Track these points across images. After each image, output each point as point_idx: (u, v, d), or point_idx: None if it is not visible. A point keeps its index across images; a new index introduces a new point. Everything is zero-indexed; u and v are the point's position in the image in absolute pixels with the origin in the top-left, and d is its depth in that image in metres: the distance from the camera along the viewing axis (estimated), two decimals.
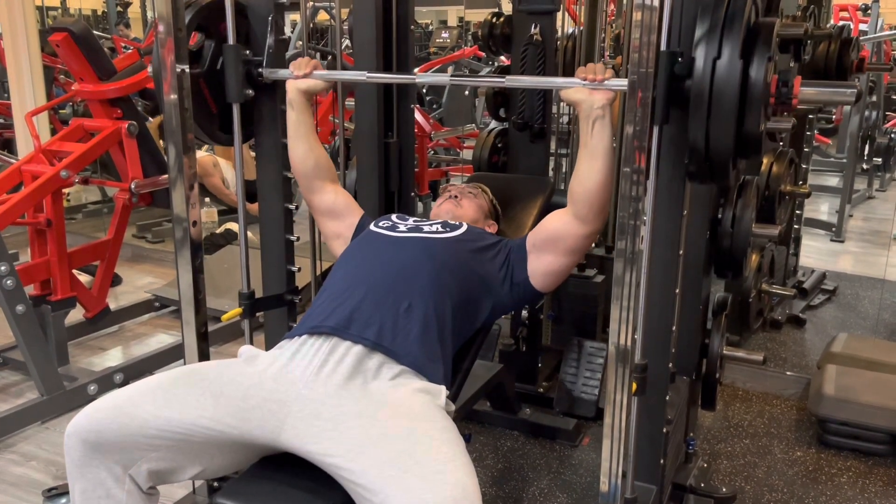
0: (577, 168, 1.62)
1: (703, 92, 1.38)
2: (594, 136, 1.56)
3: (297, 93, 1.85)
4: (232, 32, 1.83)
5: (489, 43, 2.82)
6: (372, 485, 1.28)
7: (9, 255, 2.62)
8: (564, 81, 1.56)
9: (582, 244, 1.70)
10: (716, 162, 1.44)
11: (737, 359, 2.25)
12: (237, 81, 1.85)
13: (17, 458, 2.48)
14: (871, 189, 6.75)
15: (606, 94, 1.52)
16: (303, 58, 1.86)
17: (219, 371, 1.53)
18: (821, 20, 3.25)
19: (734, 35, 1.37)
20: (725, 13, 1.40)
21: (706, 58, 1.38)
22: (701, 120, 1.39)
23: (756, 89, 1.38)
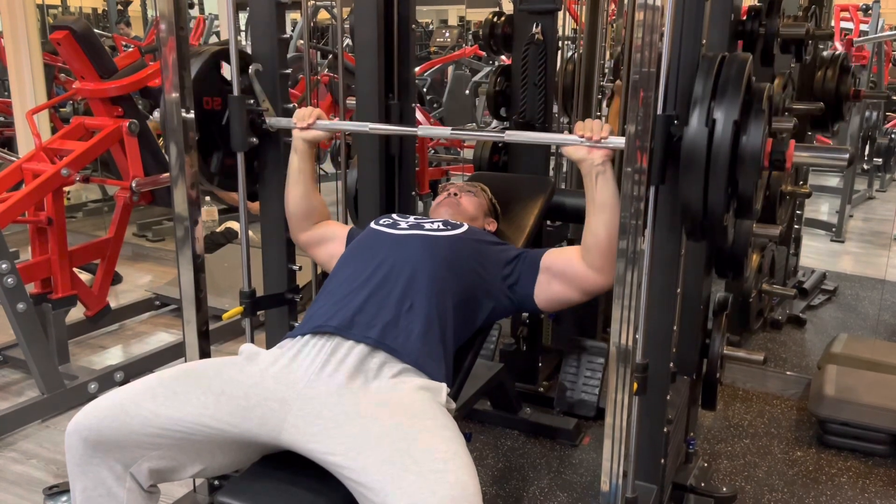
0: (586, 221, 1.64)
1: (698, 157, 1.41)
2: (598, 190, 1.59)
3: (303, 141, 1.89)
4: (236, 84, 1.87)
5: (490, 42, 2.82)
6: (373, 483, 1.28)
7: (9, 253, 2.62)
8: (564, 139, 1.60)
9: (596, 289, 1.71)
10: (710, 222, 1.48)
11: (737, 359, 2.25)
12: (242, 131, 1.89)
13: (18, 456, 2.48)
14: (871, 189, 6.75)
15: (605, 152, 1.56)
16: (306, 108, 1.89)
17: (220, 369, 1.53)
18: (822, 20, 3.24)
19: (729, 103, 1.40)
20: (720, 79, 1.44)
21: (701, 123, 1.41)
22: (696, 181, 1.43)
23: (750, 154, 1.42)
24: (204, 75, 1.93)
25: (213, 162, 2.01)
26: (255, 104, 1.92)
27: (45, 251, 2.80)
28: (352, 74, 2.20)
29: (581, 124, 1.57)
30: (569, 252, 1.73)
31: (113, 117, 2.93)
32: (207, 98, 1.94)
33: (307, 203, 1.93)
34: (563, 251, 1.74)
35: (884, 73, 6.04)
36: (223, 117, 1.94)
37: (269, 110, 1.94)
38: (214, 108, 1.96)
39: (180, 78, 1.73)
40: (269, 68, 1.98)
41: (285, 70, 2.02)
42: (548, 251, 1.76)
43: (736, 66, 1.45)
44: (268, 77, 1.98)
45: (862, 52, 5.77)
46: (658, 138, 1.41)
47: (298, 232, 1.96)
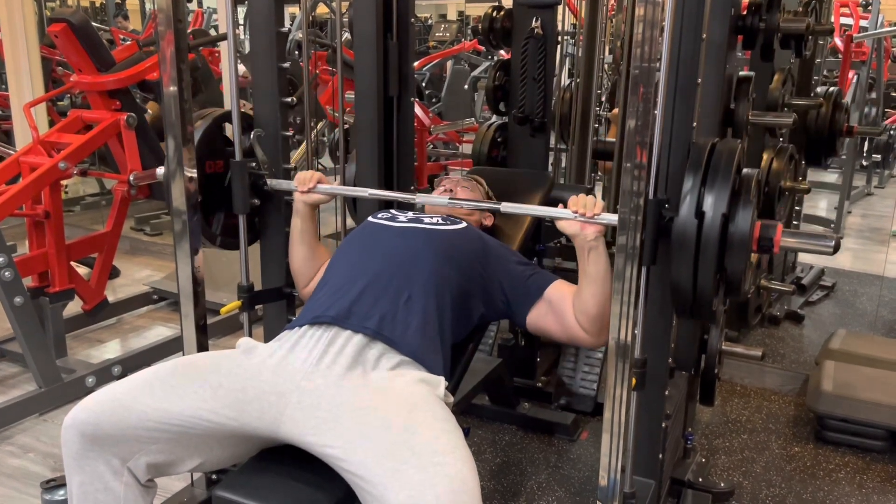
0: (578, 290, 1.65)
1: (688, 242, 1.46)
2: (591, 264, 1.61)
3: (304, 204, 1.89)
4: (238, 148, 1.90)
5: (489, 37, 2.80)
6: (371, 476, 1.28)
7: (7, 246, 2.62)
8: (558, 213, 1.62)
9: (582, 345, 1.75)
10: (700, 304, 1.52)
11: (735, 354, 2.25)
12: (243, 194, 1.91)
13: (15, 449, 2.48)
14: (870, 186, 6.76)
15: (597, 228, 1.58)
16: (306, 172, 1.90)
17: (217, 363, 1.53)
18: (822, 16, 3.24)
19: (718, 193, 1.46)
20: (709, 170, 1.48)
21: (691, 214, 1.46)
22: (686, 265, 1.48)
23: (739, 241, 1.47)
24: (207, 139, 1.97)
25: (215, 223, 2.06)
26: (256, 167, 1.96)
27: (43, 245, 2.80)
28: (350, 69, 2.20)
29: (575, 199, 1.59)
30: (567, 297, 1.70)
31: (111, 110, 2.93)
32: (210, 162, 1.98)
33: (312, 262, 1.93)
34: (568, 292, 1.71)
35: (883, 70, 6.03)
36: (225, 179, 1.98)
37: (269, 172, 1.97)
38: (216, 170, 2.00)
39: (178, 71, 1.73)
40: (270, 131, 2.02)
41: (286, 132, 2.06)
42: (556, 282, 1.74)
43: (725, 157, 1.50)
44: (269, 140, 2.01)
45: (861, 48, 5.76)
46: (649, 222, 1.45)
47: (303, 287, 1.96)
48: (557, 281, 1.74)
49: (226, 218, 2.07)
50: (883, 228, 5.60)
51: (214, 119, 2.01)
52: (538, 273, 1.77)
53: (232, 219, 2.01)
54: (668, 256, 1.51)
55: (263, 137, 1.99)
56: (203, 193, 1.87)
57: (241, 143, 1.90)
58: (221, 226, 2.07)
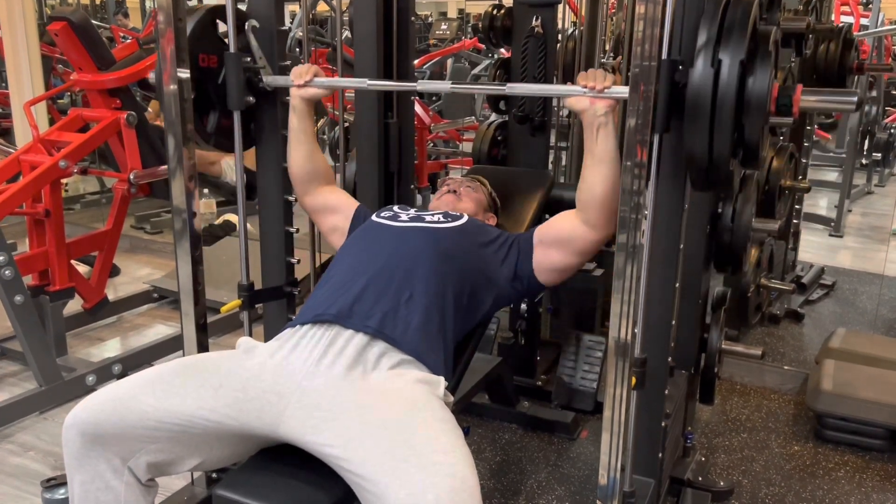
0: (583, 175, 1.63)
1: (703, 101, 1.38)
2: (599, 142, 1.57)
3: (301, 100, 1.86)
4: (233, 40, 1.83)
5: (489, 35, 2.81)
6: (370, 475, 1.28)
7: (7, 245, 2.62)
8: (566, 89, 1.58)
9: (592, 248, 1.71)
10: (716, 170, 1.45)
11: (735, 353, 2.25)
12: (238, 89, 1.85)
13: (16, 448, 2.48)
14: (870, 184, 6.76)
15: (608, 102, 1.54)
16: (303, 65, 1.86)
17: (217, 363, 1.53)
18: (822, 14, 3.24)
19: (735, 44, 1.37)
20: (725, 22, 1.40)
21: (706, 67, 1.38)
22: (701, 129, 1.40)
23: (756, 99, 1.38)
24: (200, 32, 1.88)
25: (210, 121, 1.97)
26: (251, 62, 1.88)
27: (43, 243, 2.80)
28: (351, 66, 2.20)
29: (584, 74, 1.54)
30: (558, 219, 1.73)
31: (111, 109, 2.93)
32: (203, 56, 1.89)
33: (311, 164, 1.90)
34: (552, 221, 1.74)
35: None
36: (219, 76, 1.90)
37: (266, 68, 1.89)
38: (210, 66, 1.91)
39: (178, 69, 1.72)
40: (266, 25, 1.94)
41: (283, 27, 1.98)
42: (537, 227, 1.78)
43: (741, 9, 1.42)
44: (265, 34, 1.93)
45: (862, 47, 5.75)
46: (662, 84, 1.38)
47: (303, 195, 1.94)
48: (537, 227, 1.78)
49: (220, 117, 1.97)
50: (883, 227, 5.60)
51: (209, 11, 1.92)
52: (519, 235, 1.82)
53: (226, 118, 1.92)
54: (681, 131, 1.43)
55: (259, 31, 1.91)
56: (196, 90, 1.81)
57: (235, 35, 1.82)
58: (216, 125, 1.98)
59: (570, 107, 1.58)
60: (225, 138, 1.98)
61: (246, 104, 1.88)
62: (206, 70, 1.91)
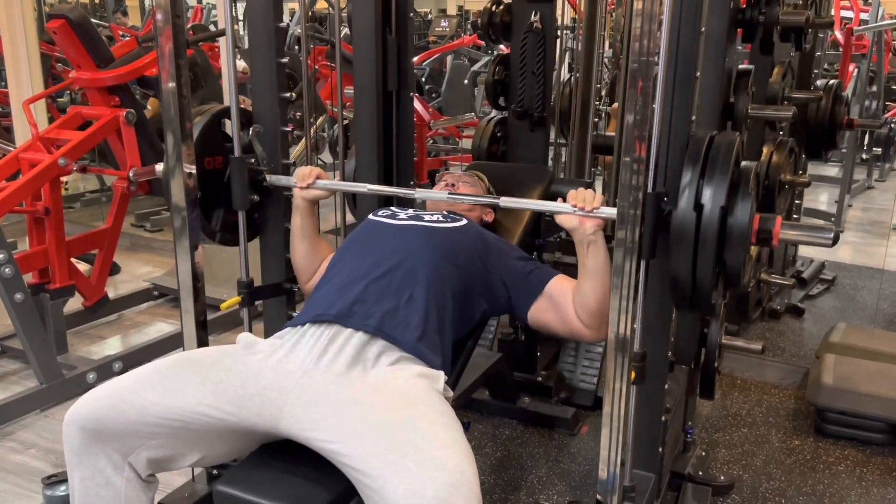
0: (578, 285, 1.65)
1: (686, 236, 1.46)
2: (590, 258, 1.61)
3: (303, 200, 1.89)
4: (237, 144, 1.89)
5: (489, 31, 2.80)
6: (371, 470, 1.28)
7: (7, 243, 2.62)
8: (557, 207, 1.62)
9: (582, 340, 1.77)
10: (699, 297, 1.52)
11: (735, 348, 2.25)
12: (243, 191, 1.91)
13: (17, 445, 2.48)
14: (870, 179, 6.75)
15: (597, 222, 1.58)
16: (305, 168, 1.90)
17: (217, 359, 1.53)
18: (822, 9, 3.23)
19: (716, 186, 1.46)
20: (707, 162, 1.48)
21: (690, 206, 1.46)
22: (685, 258, 1.48)
23: (738, 233, 1.47)
24: (206, 135, 1.96)
25: (214, 219, 2.05)
26: (255, 163, 1.95)
27: (43, 241, 2.80)
28: (350, 64, 2.19)
29: (574, 194, 1.59)
30: (567, 293, 1.70)
31: (110, 107, 2.92)
32: (209, 158, 1.97)
33: (313, 258, 1.93)
34: (568, 287, 1.71)
35: (884, 63, 6.02)
36: (224, 175, 1.97)
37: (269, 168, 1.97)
38: (216, 167, 1.99)
39: (177, 67, 1.72)
40: (269, 127, 2.01)
41: (285, 128, 2.05)
42: (557, 277, 1.74)
43: (724, 149, 1.49)
44: (268, 136, 2.01)
45: (862, 41, 5.75)
46: (648, 215, 1.44)
47: (306, 282, 1.96)
48: (558, 276, 1.74)
49: (225, 214, 2.06)
50: (883, 222, 5.60)
51: (213, 115, 2.00)
52: (539, 268, 1.77)
53: (231, 215, 2.00)
54: (667, 250, 1.51)
55: (262, 133, 1.99)
56: (202, 190, 1.87)
57: (240, 139, 1.90)
58: (221, 222, 2.07)
59: (561, 223, 1.63)
60: (230, 233, 2.04)
61: (250, 203, 1.94)
62: (212, 171, 1.98)
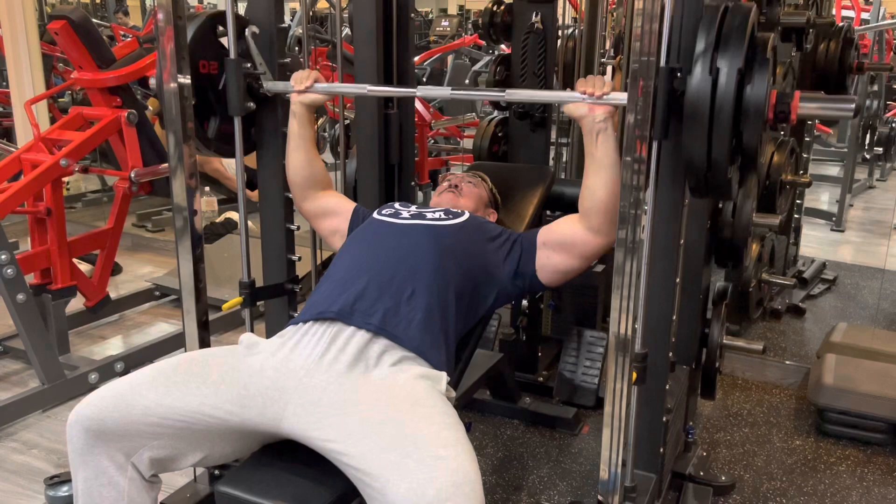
0: (585, 180, 1.63)
1: (701, 109, 1.39)
2: (599, 148, 1.58)
3: (301, 105, 1.87)
4: (233, 46, 1.84)
5: (490, 31, 2.80)
6: (372, 470, 1.28)
7: (9, 243, 2.62)
8: (565, 96, 1.58)
9: (596, 252, 1.71)
10: (715, 177, 1.45)
11: (736, 348, 2.25)
12: (239, 95, 1.86)
13: (19, 446, 2.49)
14: (871, 179, 6.75)
15: (607, 108, 1.54)
16: (303, 70, 1.87)
17: (220, 359, 1.53)
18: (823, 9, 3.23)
19: (732, 52, 1.37)
20: (723, 29, 1.40)
21: (704, 74, 1.38)
22: (699, 136, 1.40)
23: (754, 106, 1.39)
24: (200, 38, 1.88)
25: (210, 127, 1.97)
26: (252, 68, 1.89)
27: (45, 242, 2.80)
28: (351, 64, 2.20)
29: (583, 80, 1.55)
30: (562, 223, 1.72)
31: (111, 107, 2.93)
32: (204, 62, 1.89)
33: (309, 169, 1.91)
34: (556, 224, 1.74)
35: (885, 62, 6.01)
36: (220, 82, 1.90)
37: (266, 73, 1.90)
38: (211, 72, 1.91)
39: (178, 68, 1.72)
40: (265, 30, 1.94)
41: (282, 25, 1.98)
42: (542, 228, 1.77)
43: (740, 16, 1.42)
44: (264, 39, 1.94)
45: (863, 41, 5.74)
46: (661, 92, 1.39)
47: (302, 200, 1.95)
48: (542, 227, 1.77)
49: (221, 123, 1.98)
50: (884, 221, 5.60)
51: (209, 17, 1.92)
52: (523, 234, 1.81)
53: (227, 124, 1.94)
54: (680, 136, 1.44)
55: (258, 35, 1.92)
56: (197, 96, 1.81)
57: (236, 41, 1.83)
58: (217, 131, 1.98)
59: (570, 113, 1.60)
60: (226, 143, 1.98)
61: (247, 110, 1.89)
62: (207, 76, 1.91)
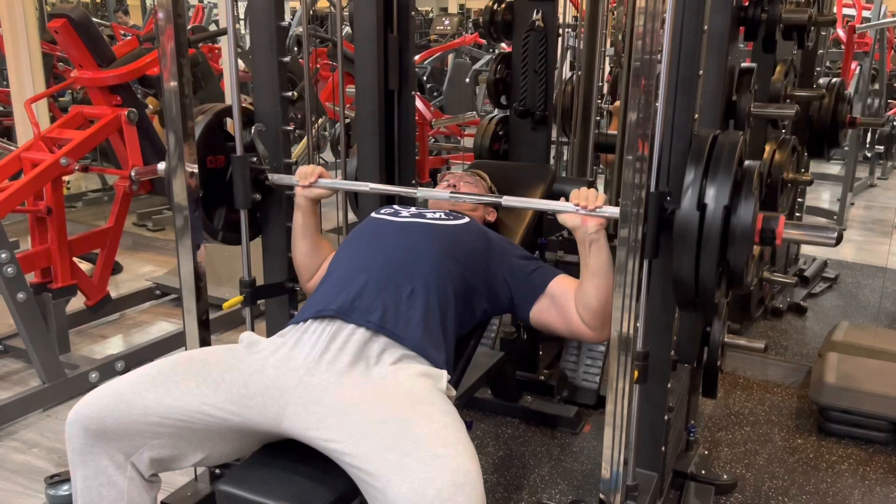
0: (580, 285, 1.65)
1: (690, 234, 1.45)
2: (592, 257, 1.60)
3: (305, 199, 1.89)
4: (240, 143, 1.90)
5: (490, 30, 2.80)
6: (374, 469, 1.28)
7: (9, 242, 2.62)
8: (559, 206, 1.62)
9: (585, 340, 1.76)
10: (702, 297, 1.51)
11: (738, 347, 2.25)
12: (245, 189, 1.91)
13: (19, 445, 2.49)
14: (872, 177, 6.75)
15: (599, 221, 1.58)
16: (308, 166, 1.90)
17: (220, 358, 1.53)
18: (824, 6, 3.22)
19: (720, 187, 1.45)
20: (710, 161, 1.47)
21: (693, 206, 1.45)
22: (688, 258, 1.47)
23: (741, 233, 1.46)
24: (208, 134, 1.95)
25: (216, 218, 2.05)
26: (257, 162, 1.95)
27: (45, 241, 2.80)
28: (351, 63, 2.19)
29: (576, 193, 1.59)
30: (569, 292, 1.70)
31: (111, 106, 2.92)
32: (211, 157, 1.97)
33: (314, 256, 1.93)
34: (570, 287, 1.70)
35: (886, 60, 6.01)
36: (226, 174, 1.97)
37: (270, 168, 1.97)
38: (218, 165, 1.99)
39: (179, 66, 1.72)
40: (271, 126, 2.01)
41: (287, 127, 2.05)
42: (559, 276, 1.74)
43: (727, 149, 1.49)
44: (270, 134, 2.01)
45: (864, 39, 5.74)
46: (651, 215, 1.44)
47: (307, 281, 1.96)
48: (560, 276, 1.74)
49: (227, 213, 2.06)
50: (886, 220, 5.60)
51: (215, 114, 2.00)
52: (541, 268, 1.76)
53: (233, 213, 2.00)
54: (669, 249, 1.50)
55: (264, 132, 1.99)
56: (204, 188, 1.86)
57: (242, 137, 1.90)
58: (223, 220, 2.07)
59: (563, 222, 1.63)
60: (232, 232, 2.04)
61: (252, 202, 1.94)
62: (214, 170, 1.97)
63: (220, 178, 1.98)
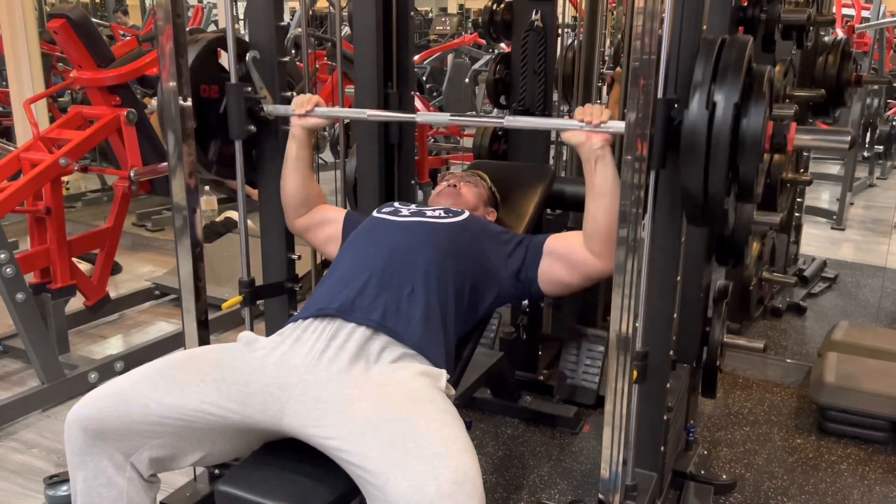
0: (586, 207, 1.64)
1: (698, 142, 1.40)
2: (597, 175, 1.59)
3: (301, 129, 1.88)
4: (234, 71, 1.86)
5: (489, 30, 2.80)
6: (373, 467, 1.28)
7: (8, 243, 2.62)
8: (563, 123, 1.60)
9: (596, 275, 1.71)
10: (711, 207, 1.47)
11: (737, 346, 2.25)
12: (240, 119, 1.87)
13: (19, 445, 2.48)
14: (872, 177, 6.75)
15: (605, 136, 1.56)
16: (304, 95, 1.88)
17: (219, 356, 1.53)
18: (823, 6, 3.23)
19: (729, 86, 1.39)
20: (720, 63, 1.42)
21: (701, 109, 1.40)
22: (696, 166, 1.42)
23: (751, 138, 1.40)
24: (201, 63, 1.90)
25: (211, 150, 1.99)
26: (252, 92, 1.91)
27: (44, 241, 2.80)
28: (350, 63, 2.19)
29: (581, 109, 1.57)
30: (571, 237, 1.73)
31: (111, 106, 2.92)
32: (205, 86, 1.92)
33: (304, 191, 1.92)
34: (565, 236, 1.74)
35: (885, 60, 6.01)
36: (221, 105, 1.92)
37: (266, 98, 1.92)
38: (212, 95, 1.94)
39: (178, 66, 1.72)
40: (266, 55, 1.96)
41: (283, 57, 2.00)
42: (551, 235, 1.76)
43: (737, 50, 1.44)
44: (266, 64, 1.96)
45: (863, 39, 5.74)
46: (658, 122, 1.40)
47: (294, 218, 1.96)
48: (551, 235, 1.76)
49: (222, 146, 2.00)
50: (885, 220, 5.60)
51: (210, 42, 1.94)
52: (531, 237, 1.79)
53: (228, 147, 1.95)
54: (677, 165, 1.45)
55: (259, 61, 1.93)
56: (198, 120, 1.82)
57: (237, 66, 1.85)
58: (217, 154, 2.00)
59: (567, 140, 1.61)
60: (226, 166, 2.00)
61: (247, 133, 1.91)
62: (208, 100, 1.93)
63: (214, 108, 1.93)
